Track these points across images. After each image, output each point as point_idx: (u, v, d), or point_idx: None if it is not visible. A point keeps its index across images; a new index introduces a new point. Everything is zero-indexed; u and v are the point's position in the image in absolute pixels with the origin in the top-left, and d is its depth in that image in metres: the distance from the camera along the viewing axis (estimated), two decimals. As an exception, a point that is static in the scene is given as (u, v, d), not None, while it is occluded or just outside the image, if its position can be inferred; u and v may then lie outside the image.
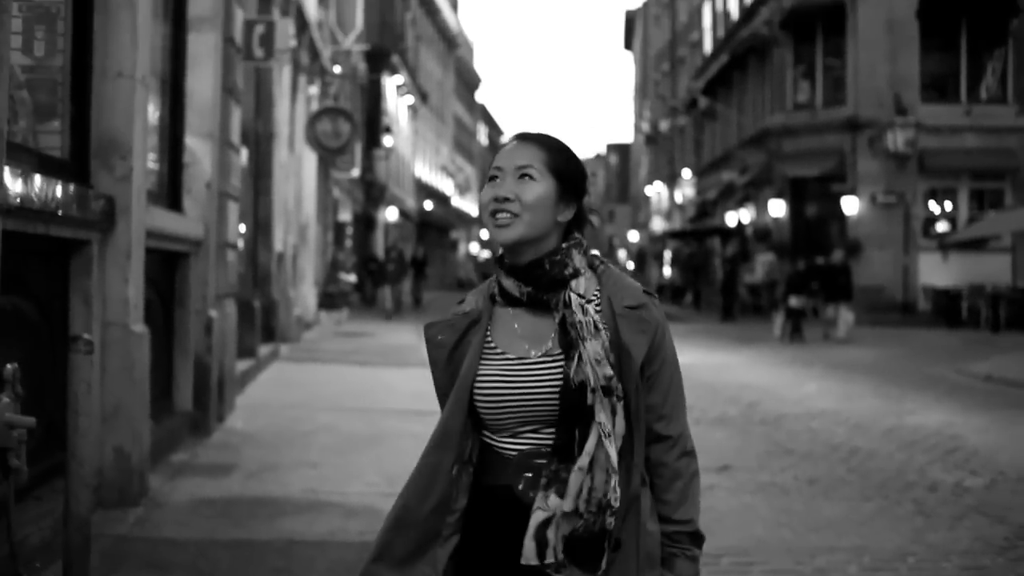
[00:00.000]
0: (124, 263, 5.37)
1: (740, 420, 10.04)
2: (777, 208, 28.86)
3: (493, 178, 2.07)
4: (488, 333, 2.10)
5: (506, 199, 2.02)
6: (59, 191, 4.56)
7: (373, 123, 33.97)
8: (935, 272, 26.44)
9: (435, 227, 55.01)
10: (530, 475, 2.00)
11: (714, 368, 14.83)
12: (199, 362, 7.56)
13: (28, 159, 4.47)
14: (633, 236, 61.72)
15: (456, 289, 47.29)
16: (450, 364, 2.10)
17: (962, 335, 22.12)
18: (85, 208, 4.91)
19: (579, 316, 2.00)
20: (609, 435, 1.96)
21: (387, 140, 33.30)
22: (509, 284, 2.07)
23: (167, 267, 7.18)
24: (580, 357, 1.97)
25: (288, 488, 6.09)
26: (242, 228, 11.36)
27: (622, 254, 71.80)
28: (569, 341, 1.99)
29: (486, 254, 69.91)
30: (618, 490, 1.96)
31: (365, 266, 30.73)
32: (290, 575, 4.44)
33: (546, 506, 1.96)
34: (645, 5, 62.91)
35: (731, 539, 5.44)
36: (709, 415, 10.11)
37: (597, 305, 2.05)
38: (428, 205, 51.90)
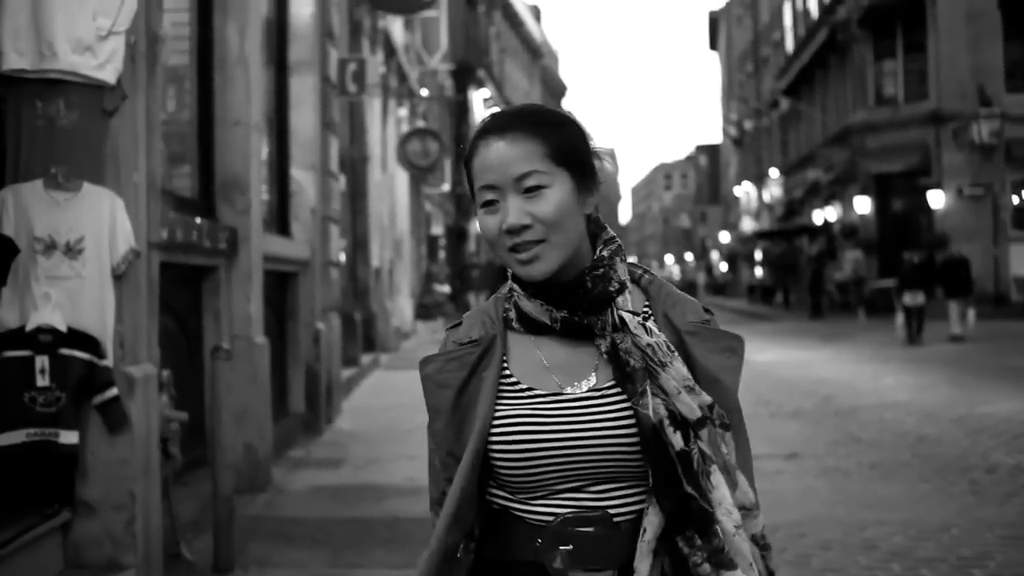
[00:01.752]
0: (246, 284, 6.26)
1: (814, 412, 10.53)
2: (863, 205, 28.97)
3: (489, 203, 1.60)
4: (505, 365, 1.65)
5: (523, 227, 1.57)
6: (194, 226, 5.46)
7: (461, 137, 34.94)
8: (1028, 263, 26.27)
9: (525, 235, 55.73)
10: (570, 548, 1.56)
11: (795, 364, 15.28)
12: (309, 370, 8.47)
13: (169, 200, 5.36)
14: (724, 237, 61.64)
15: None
16: (457, 412, 1.63)
17: (1053, 326, 22.03)
18: (214, 239, 5.80)
19: (644, 338, 1.58)
20: (732, 468, 1.59)
21: (475, 153, 34.18)
22: (532, 308, 1.63)
23: (279, 285, 8.10)
24: (660, 388, 1.56)
25: (391, 477, 6.94)
26: (342, 245, 12.30)
27: (715, 255, 71.67)
28: (627, 373, 1.57)
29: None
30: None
31: (460, 276, 31.67)
32: (395, 543, 5.24)
33: None
34: (728, 5, 62.92)
35: (790, 515, 6.00)
36: (785, 409, 10.63)
37: (654, 323, 1.63)
38: (518, 214, 52.64)
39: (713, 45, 73.96)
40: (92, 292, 3.96)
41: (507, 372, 1.64)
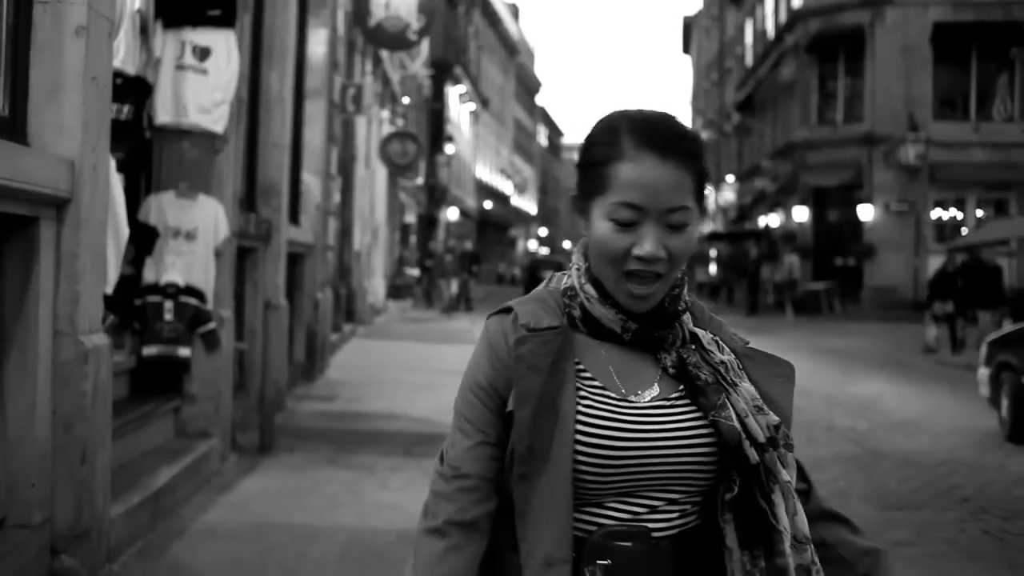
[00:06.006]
0: (276, 262, 8.61)
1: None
2: (801, 214, 31.63)
3: (625, 222, 1.51)
4: (578, 361, 1.57)
5: (656, 259, 1.51)
6: (248, 220, 7.83)
7: (437, 132, 37.23)
8: (944, 274, 28.88)
9: (494, 225, 58.02)
10: (608, 563, 1.48)
11: (714, 351, 17.68)
12: (309, 330, 10.86)
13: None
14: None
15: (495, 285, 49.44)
16: (542, 400, 1.50)
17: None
18: (258, 229, 8.16)
19: (717, 355, 1.58)
20: (792, 494, 1.54)
21: (449, 148, 36.54)
22: (605, 314, 1.57)
23: (291, 264, 10.46)
24: (732, 406, 1.53)
25: (373, 408, 9.42)
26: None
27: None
28: (698, 387, 1.54)
29: (544, 251, 72.32)
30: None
31: (422, 263, 33.60)
32: (379, 444, 7.69)
33: None
34: (698, 14, 65.39)
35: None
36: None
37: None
38: (488, 204, 54.89)
39: (686, 49, 76.42)
40: (201, 263, 6.33)
41: (582, 368, 1.57)
